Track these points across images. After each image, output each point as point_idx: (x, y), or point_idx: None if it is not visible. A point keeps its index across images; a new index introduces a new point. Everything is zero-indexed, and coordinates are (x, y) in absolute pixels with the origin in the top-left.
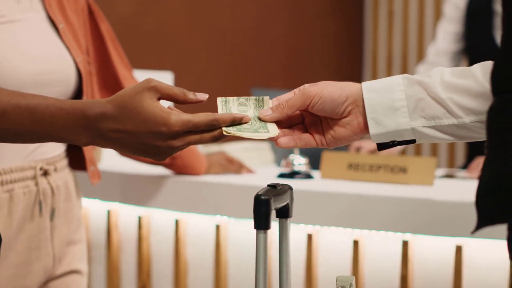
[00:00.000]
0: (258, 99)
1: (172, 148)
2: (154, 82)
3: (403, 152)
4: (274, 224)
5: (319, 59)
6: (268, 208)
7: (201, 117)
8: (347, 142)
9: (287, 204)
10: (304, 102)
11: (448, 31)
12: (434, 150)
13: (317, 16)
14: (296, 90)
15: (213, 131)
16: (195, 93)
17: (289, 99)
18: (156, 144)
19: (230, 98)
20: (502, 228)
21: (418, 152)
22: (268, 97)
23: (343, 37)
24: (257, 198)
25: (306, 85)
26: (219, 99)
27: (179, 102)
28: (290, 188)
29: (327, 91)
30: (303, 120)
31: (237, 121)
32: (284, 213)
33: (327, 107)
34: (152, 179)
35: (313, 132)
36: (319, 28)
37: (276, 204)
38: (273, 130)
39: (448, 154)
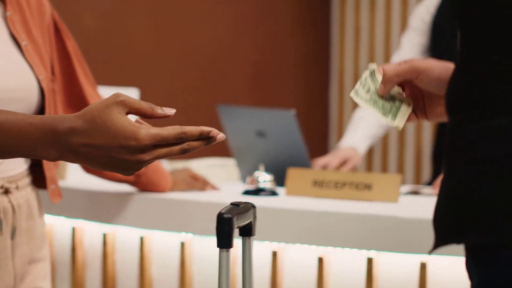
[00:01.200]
0: (371, 72)
1: (141, 162)
2: (123, 97)
3: (369, 169)
4: (239, 241)
5: (287, 75)
6: (231, 226)
7: (170, 130)
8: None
9: (250, 222)
10: (412, 74)
11: (413, 42)
12: (400, 166)
13: (285, 32)
14: (402, 62)
15: (182, 144)
16: (163, 107)
17: (396, 69)
18: (125, 158)
19: (356, 88)
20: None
21: (384, 168)
22: (375, 64)
23: (311, 53)
24: (220, 217)
25: (414, 59)
26: (352, 95)
27: (147, 117)
28: (253, 206)
29: (437, 68)
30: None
31: (204, 135)
32: (247, 231)
33: (434, 83)
34: (117, 196)
35: (414, 107)
36: (287, 44)
37: (239, 222)
38: (400, 121)
39: (414, 170)
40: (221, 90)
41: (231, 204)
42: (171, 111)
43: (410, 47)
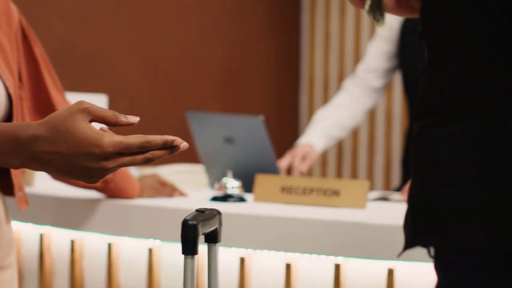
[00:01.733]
0: None
1: (104, 170)
2: (86, 104)
3: (338, 175)
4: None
5: (257, 81)
6: (196, 233)
7: (134, 138)
8: None
9: (216, 229)
10: None
11: (379, 50)
12: (370, 172)
13: (256, 38)
14: None
15: (145, 153)
16: (127, 116)
17: None
18: (89, 165)
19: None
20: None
21: (354, 174)
22: None
23: (281, 59)
24: (185, 224)
25: None
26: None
27: (111, 125)
28: (219, 213)
29: None
30: None
31: (169, 144)
32: (212, 238)
33: None
34: (85, 203)
35: None
36: (257, 51)
37: (204, 229)
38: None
39: (384, 176)
40: (190, 96)
41: (196, 211)
42: (135, 119)
43: (375, 55)
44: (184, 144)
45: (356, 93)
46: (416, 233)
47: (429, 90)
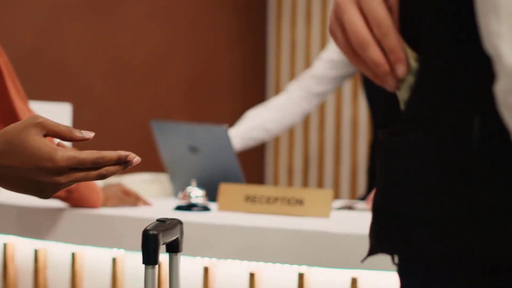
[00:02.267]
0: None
1: (57, 185)
2: (41, 119)
3: (305, 184)
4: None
5: (223, 89)
6: (156, 243)
7: (87, 154)
8: None
9: (177, 238)
10: None
11: (328, 57)
12: (336, 181)
13: (221, 46)
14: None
15: (99, 169)
16: (81, 131)
17: None
18: (41, 180)
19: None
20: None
21: (320, 183)
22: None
23: (247, 67)
24: (145, 234)
25: None
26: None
27: (65, 139)
28: (180, 222)
29: None
30: None
31: (122, 160)
32: (174, 248)
33: None
34: (48, 212)
35: None
36: (223, 58)
37: (165, 239)
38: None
39: (350, 185)
40: (156, 105)
41: (157, 220)
42: (89, 134)
43: (323, 62)
44: (137, 159)
45: (295, 96)
46: (379, 240)
47: (391, 99)
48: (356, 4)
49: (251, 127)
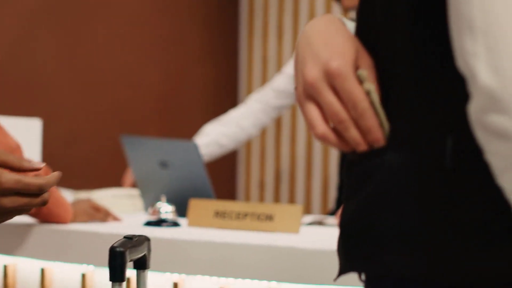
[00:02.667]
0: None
1: (1, 208)
2: None
3: (276, 199)
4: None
5: (195, 104)
6: (123, 260)
7: (32, 179)
8: None
9: (145, 255)
10: None
11: (288, 73)
12: (307, 196)
13: (193, 61)
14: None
15: (43, 195)
16: (31, 161)
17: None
18: None
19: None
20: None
21: (291, 199)
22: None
23: (219, 82)
24: (112, 251)
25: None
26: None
27: (14, 169)
28: (147, 239)
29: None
30: None
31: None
32: (141, 264)
33: None
34: (17, 228)
35: None
36: (195, 73)
37: (132, 256)
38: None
39: (321, 200)
40: (127, 120)
41: (125, 237)
42: (39, 164)
43: (285, 76)
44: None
45: (253, 108)
46: (349, 257)
47: None
48: (329, 83)
49: (206, 143)
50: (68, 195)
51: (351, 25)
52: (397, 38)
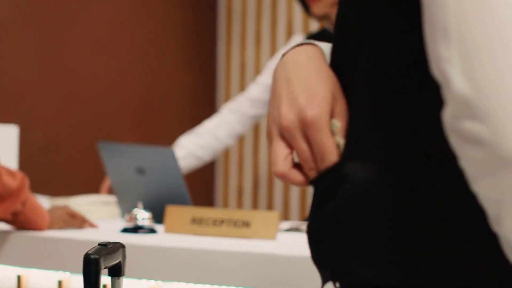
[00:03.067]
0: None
1: None
2: None
3: (254, 206)
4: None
5: (172, 111)
6: (97, 268)
7: None
8: None
9: (119, 262)
10: None
11: (264, 82)
12: (286, 203)
13: (171, 68)
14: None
15: None
16: None
17: None
18: None
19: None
20: None
21: (270, 205)
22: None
23: (197, 88)
24: (86, 258)
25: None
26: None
27: None
28: (122, 246)
29: None
30: None
31: None
32: (116, 272)
33: None
34: None
35: None
36: (172, 80)
37: (106, 263)
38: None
39: (299, 206)
40: (105, 127)
41: (99, 244)
42: None
43: (259, 86)
44: None
45: (227, 118)
46: (323, 267)
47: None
48: (302, 130)
49: (183, 155)
50: (44, 202)
51: (327, 49)
52: (363, 44)
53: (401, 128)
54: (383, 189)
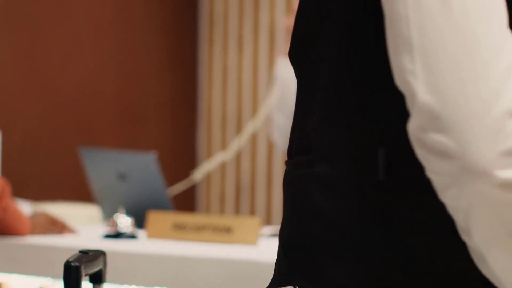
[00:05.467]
0: None
1: None
2: None
3: (237, 211)
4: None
5: (153, 116)
6: (78, 275)
7: None
8: None
9: (100, 269)
10: None
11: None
12: (268, 208)
13: (152, 72)
14: None
15: None
16: None
17: None
18: None
19: None
20: None
21: (252, 210)
22: None
23: (178, 93)
24: (67, 265)
25: None
26: None
27: None
28: (103, 253)
29: None
30: None
31: None
32: (97, 279)
33: None
34: None
35: None
36: (153, 85)
37: (87, 270)
38: None
39: (281, 211)
40: (86, 131)
41: (80, 252)
42: None
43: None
44: None
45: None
46: (288, 272)
47: (297, 127)
48: None
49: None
50: (26, 207)
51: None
52: (329, 48)
53: (368, 132)
54: (350, 192)
